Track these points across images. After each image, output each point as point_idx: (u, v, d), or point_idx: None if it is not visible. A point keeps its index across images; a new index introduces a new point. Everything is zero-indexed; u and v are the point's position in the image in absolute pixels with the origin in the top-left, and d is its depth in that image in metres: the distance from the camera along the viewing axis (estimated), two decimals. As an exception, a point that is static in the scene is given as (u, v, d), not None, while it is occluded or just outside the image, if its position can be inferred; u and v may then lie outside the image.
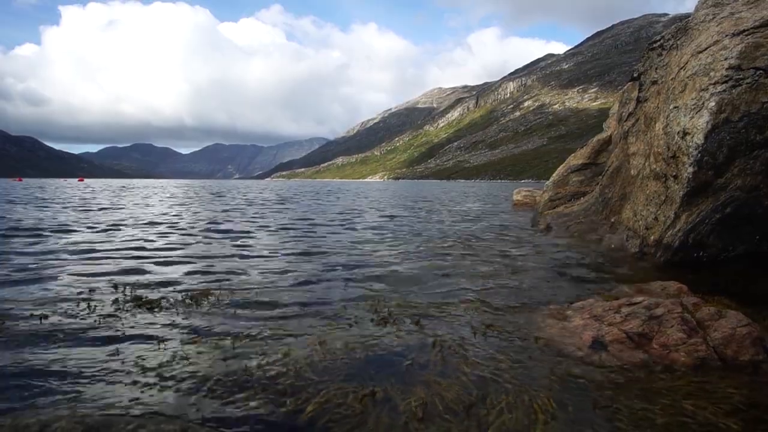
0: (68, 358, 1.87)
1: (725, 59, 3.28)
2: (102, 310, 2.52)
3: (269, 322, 2.33)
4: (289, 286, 3.14)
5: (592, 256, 4.20)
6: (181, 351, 1.95)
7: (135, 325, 2.28)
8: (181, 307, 2.58)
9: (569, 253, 4.45)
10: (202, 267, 3.79)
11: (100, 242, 5.09)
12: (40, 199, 14.53)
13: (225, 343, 2.01)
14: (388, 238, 5.73)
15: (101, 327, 2.25)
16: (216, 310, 2.56)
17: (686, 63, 3.71)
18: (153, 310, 2.53)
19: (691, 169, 3.36)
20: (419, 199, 17.57)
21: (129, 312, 2.49)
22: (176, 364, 1.81)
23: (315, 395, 1.54)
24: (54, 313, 2.44)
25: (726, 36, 3.39)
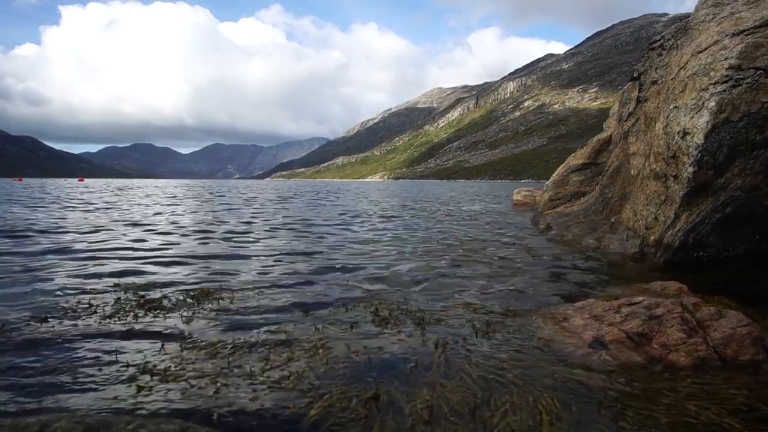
0: (69, 358, 1.87)
1: (725, 59, 3.28)
2: (101, 310, 2.52)
3: (269, 324, 2.33)
4: (288, 286, 3.14)
5: (592, 256, 4.20)
6: (181, 352, 1.95)
7: (134, 326, 2.28)
8: (181, 308, 2.58)
9: (569, 253, 4.45)
10: (202, 267, 3.79)
11: (100, 242, 5.08)
12: (38, 199, 14.53)
13: (225, 346, 2.01)
14: (388, 238, 5.73)
15: (101, 327, 2.25)
16: (215, 310, 2.55)
17: (686, 63, 3.71)
18: (152, 311, 2.53)
19: (691, 169, 3.36)
20: (419, 199, 17.57)
21: (128, 313, 2.49)
22: (176, 365, 1.81)
23: (318, 399, 1.53)
24: (54, 314, 2.44)
25: (726, 36, 3.40)
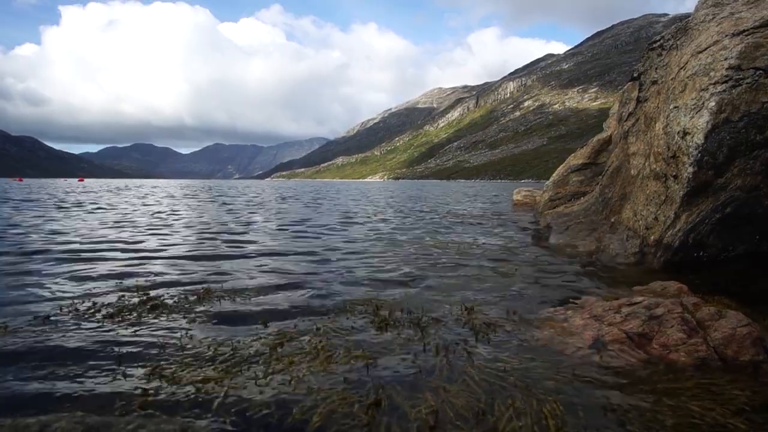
0: (69, 358, 1.87)
1: (725, 59, 3.28)
2: (100, 311, 2.52)
3: (269, 325, 2.33)
4: (287, 287, 3.14)
5: (592, 256, 4.20)
6: (182, 353, 1.95)
7: (133, 327, 2.28)
8: (182, 309, 2.58)
9: (569, 253, 4.45)
10: (202, 267, 3.79)
11: (100, 242, 5.08)
12: (36, 199, 14.54)
13: (225, 348, 2.00)
14: (388, 238, 5.73)
15: (100, 327, 2.25)
16: (216, 311, 2.55)
17: (686, 63, 3.71)
18: (153, 310, 2.53)
19: (691, 169, 3.36)
20: (419, 199, 17.57)
21: (127, 313, 2.49)
22: (177, 367, 1.81)
23: (319, 404, 1.51)
24: (56, 313, 2.45)
25: (726, 36, 3.39)
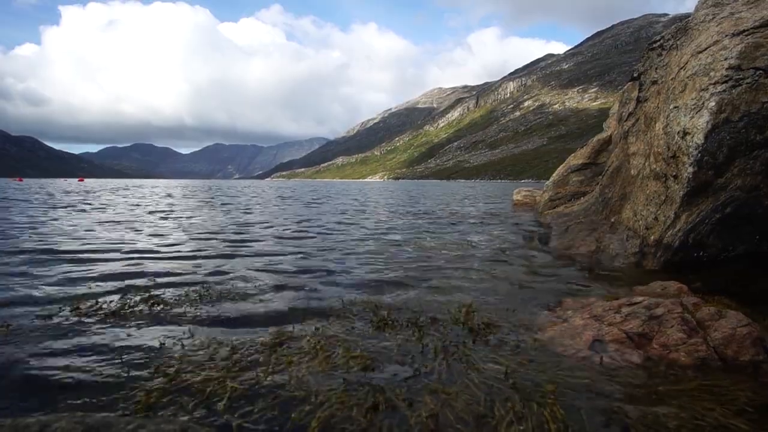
0: (69, 359, 1.87)
1: (725, 59, 3.28)
2: (100, 310, 2.52)
3: (269, 325, 2.33)
4: (286, 288, 3.13)
5: (592, 257, 4.20)
6: (183, 354, 1.95)
7: (134, 326, 2.28)
8: (182, 309, 2.58)
9: (568, 253, 4.45)
10: (203, 267, 3.79)
11: (100, 242, 5.08)
12: (36, 199, 14.53)
13: (224, 350, 1.99)
14: (387, 239, 5.73)
15: (101, 327, 2.25)
16: (215, 312, 2.55)
17: (686, 63, 3.71)
18: (152, 311, 2.53)
19: (691, 169, 3.36)
20: (419, 199, 17.56)
21: (128, 313, 2.49)
22: (177, 367, 1.81)
23: (318, 407, 1.51)
24: (57, 313, 2.45)
25: (726, 36, 3.39)
